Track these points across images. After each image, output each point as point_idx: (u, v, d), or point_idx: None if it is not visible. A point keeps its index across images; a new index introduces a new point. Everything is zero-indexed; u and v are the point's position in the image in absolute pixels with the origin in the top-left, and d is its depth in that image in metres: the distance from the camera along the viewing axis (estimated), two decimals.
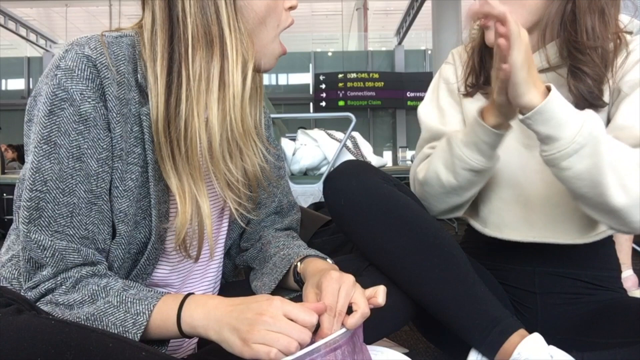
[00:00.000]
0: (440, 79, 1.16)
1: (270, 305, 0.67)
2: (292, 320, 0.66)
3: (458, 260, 0.91)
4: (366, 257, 0.95)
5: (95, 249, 0.77)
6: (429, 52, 15.53)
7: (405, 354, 0.90)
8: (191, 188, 0.79)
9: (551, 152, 0.83)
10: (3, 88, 15.80)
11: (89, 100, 0.73)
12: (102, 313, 0.71)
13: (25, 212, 0.73)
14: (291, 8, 0.86)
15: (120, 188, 0.77)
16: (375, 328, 0.91)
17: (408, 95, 15.07)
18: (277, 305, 0.67)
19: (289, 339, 0.64)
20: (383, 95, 15.19)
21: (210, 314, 0.70)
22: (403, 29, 15.00)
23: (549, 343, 0.84)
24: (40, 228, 0.73)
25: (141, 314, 0.71)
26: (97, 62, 0.74)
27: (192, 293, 0.75)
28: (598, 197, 0.83)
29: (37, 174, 0.72)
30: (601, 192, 0.82)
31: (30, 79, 15.63)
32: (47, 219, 0.73)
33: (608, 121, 0.97)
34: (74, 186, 0.74)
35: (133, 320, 0.71)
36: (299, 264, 0.89)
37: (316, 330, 0.71)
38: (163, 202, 0.82)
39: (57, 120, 0.72)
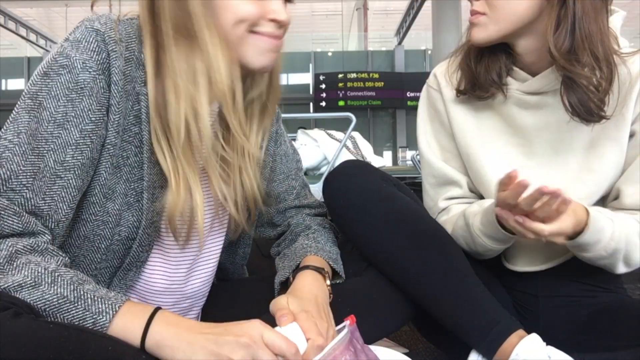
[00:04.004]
0: (430, 108, 1.10)
1: (250, 327, 0.66)
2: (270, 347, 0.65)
3: (457, 261, 0.91)
4: (366, 257, 0.95)
5: (42, 225, 0.71)
6: (429, 52, 15.53)
7: (405, 354, 0.89)
8: (184, 171, 0.78)
9: (579, 253, 0.92)
10: (3, 88, 15.79)
11: (90, 70, 0.73)
12: (55, 309, 0.65)
13: None
14: (274, 21, 0.79)
15: (110, 162, 0.77)
16: (376, 328, 0.91)
17: (408, 95, 15.06)
18: (257, 327, 0.66)
19: None
20: (383, 95, 15.17)
21: (182, 335, 0.65)
22: (403, 29, 15.00)
23: (551, 345, 0.84)
24: None
25: (103, 314, 0.65)
26: (106, 35, 0.74)
27: (160, 308, 0.69)
28: (605, 267, 0.94)
29: (12, 124, 0.71)
30: (610, 268, 0.94)
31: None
32: (7, 172, 0.69)
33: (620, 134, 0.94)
34: (44, 151, 0.71)
35: (93, 320, 0.64)
36: (290, 277, 0.88)
37: None
38: (158, 186, 0.81)
39: (50, 83, 0.72)
